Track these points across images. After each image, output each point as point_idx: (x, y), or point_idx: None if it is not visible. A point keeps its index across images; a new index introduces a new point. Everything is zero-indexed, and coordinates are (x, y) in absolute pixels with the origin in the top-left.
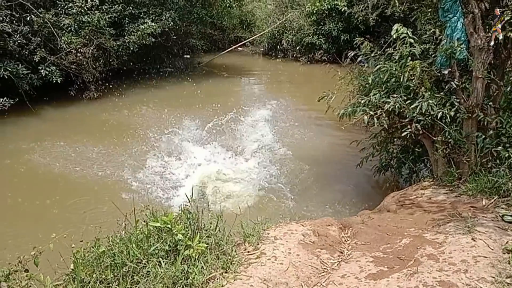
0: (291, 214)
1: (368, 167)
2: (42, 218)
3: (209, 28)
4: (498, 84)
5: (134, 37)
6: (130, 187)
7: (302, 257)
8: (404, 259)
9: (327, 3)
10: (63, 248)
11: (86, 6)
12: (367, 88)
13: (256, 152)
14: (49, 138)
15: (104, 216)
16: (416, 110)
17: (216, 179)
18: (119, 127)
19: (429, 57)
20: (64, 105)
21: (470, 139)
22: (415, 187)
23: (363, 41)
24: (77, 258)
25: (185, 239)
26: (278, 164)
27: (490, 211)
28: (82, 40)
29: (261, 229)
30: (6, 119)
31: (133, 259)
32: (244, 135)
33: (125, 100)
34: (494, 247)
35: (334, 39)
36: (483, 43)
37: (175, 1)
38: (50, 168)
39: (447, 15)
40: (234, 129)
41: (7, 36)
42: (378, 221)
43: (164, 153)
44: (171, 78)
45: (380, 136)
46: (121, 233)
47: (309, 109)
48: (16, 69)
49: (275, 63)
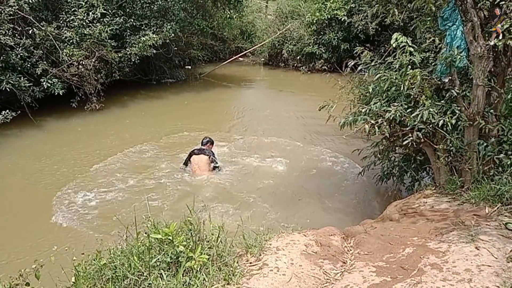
0: (293, 224)
1: (370, 176)
2: (42, 230)
3: (209, 39)
4: (499, 91)
5: (136, 49)
6: (131, 198)
7: (304, 267)
8: (408, 269)
9: (327, 13)
10: (65, 261)
11: (88, 19)
12: (367, 97)
13: (256, 162)
14: (50, 149)
15: (105, 228)
16: (417, 119)
17: (217, 189)
18: (119, 138)
19: (429, 65)
20: (66, 117)
21: (472, 147)
22: (417, 196)
23: (363, 50)
24: (78, 271)
25: (186, 250)
26: (279, 173)
27: (493, 219)
28: (83, 53)
29: (263, 239)
30: (7, 131)
31: (135, 272)
32: (243, 145)
33: (126, 111)
34: (498, 256)
35: (334, 49)
36: (483, 51)
37: (176, 13)
38: (50, 178)
39: (446, 23)
40: (235, 139)
41: (10, 49)
42: (381, 231)
43: (168, 163)
44: (173, 89)
45: (381, 145)
46: (122, 245)
47: (310, 118)
48: (18, 82)
49: (276, 72)
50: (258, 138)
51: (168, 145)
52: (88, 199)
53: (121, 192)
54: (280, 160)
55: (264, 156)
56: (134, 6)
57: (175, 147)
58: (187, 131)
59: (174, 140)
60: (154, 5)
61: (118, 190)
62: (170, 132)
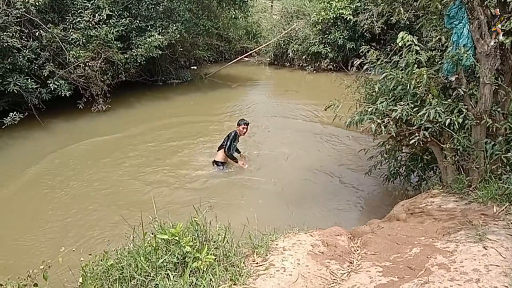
0: (299, 224)
1: (377, 175)
2: (50, 232)
3: (215, 40)
4: (506, 90)
5: (142, 50)
6: (138, 199)
7: (311, 268)
8: (415, 269)
9: (333, 12)
10: (72, 262)
11: (94, 21)
12: (373, 96)
13: (262, 162)
14: (56, 150)
15: (113, 229)
16: (424, 118)
17: (223, 189)
18: (125, 139)
19: (435, 64)
20: (73, 118)
21: (479, 145)
22: (424, 195)
23: (369, 49)
24: (85, 271)
25: (193, 251)
26: (284, 173)
27: (501, 218)
28: (90, 54)
29: (269, 240)
30: (15, 133)
31: (142, 272)
32: (251, 144)
33: (133, 112)
34: (506, 256)
35: (340, 48)
36: (490, 49)
37: (181, 13)
38: (57, 181)
39: (452, 21)
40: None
41: (17, 52)
42: (388, 230)
43: (172, 165)
44: (179, 89)
45: (388, 144)
46: (129, 246)
47: (316, 117)
48: (26, 84)
49: (281, 72)
50: (263, 137)
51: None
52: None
53: (126, 191)
54: (286, 160)
55: (269, 156)
56: (140, 7)
57: (181, 146)
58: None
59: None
60: (159, 6)
61: (123, 190)
62: (175, 132)
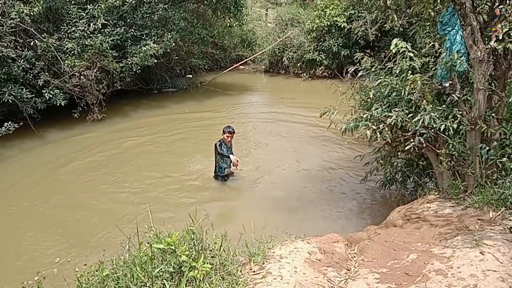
0: (296, 231)
1: (373, 181)
2: (44, 242)
3: (210, 48)
4: (500, 95)
5: (137, 59)
6: (133, 208)
7: (308, 275)
8: (412, 275)
9: (327, 20)
10: (67, 272)
11: (89, 30)
12: (368, 102)
13: (257, 169)
14: (50, 160)
15: (108, 239)
16: (419, 123)
17: (219, 197)
18: (120, 147)
19: (429, 70)
20: (68, 128)
21: (474, 151)
22: (421, 201)
23: (363, 56)
24: (81, 282)
25: (189, 260)
26: (280, 180)
27: (497, 223)
28: (85, 63)
29: (266, 247)
30: (10, 142)
31: (137, 282)
32: (246, 151)
33: (128, 121)
34: (503, 261)
35: (334, 55)
36: (483, 55)
37: (176, 22)
38: (51, 190)
39: (445, 28)
40: (237, 145)
41: (11, 61)
42: (385, 237)
43: (168, 174)
44: (174, 98)
45: (383, 150)
46: (124, 256)
47: (311, 124)
48: (21, 93)
49: (277, 80)
50: (259, 145)
51: (169, 152)
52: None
53: (122, 201)
54: (282, 167)
55: (265, 163)
56: (135, 16)
57: (177, 155)
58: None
59: (174, 148)
60: (154, 15)
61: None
62: (171, 141)
